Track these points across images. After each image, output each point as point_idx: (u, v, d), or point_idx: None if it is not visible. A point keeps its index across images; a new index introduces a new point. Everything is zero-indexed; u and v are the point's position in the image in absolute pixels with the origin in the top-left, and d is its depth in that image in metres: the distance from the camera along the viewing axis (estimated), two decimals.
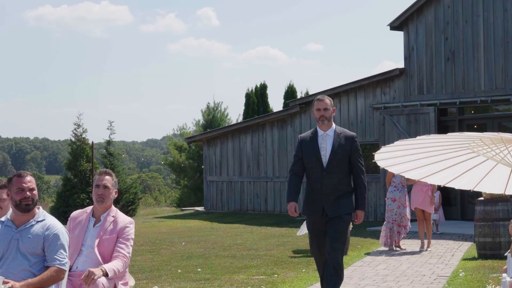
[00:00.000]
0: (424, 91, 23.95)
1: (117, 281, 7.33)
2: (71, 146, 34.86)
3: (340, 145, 9.11)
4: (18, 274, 6.46)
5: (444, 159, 6.41)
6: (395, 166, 6.77)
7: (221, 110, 43.85)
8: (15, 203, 6.67)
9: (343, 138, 9.17)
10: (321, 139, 9.21)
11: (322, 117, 9.20)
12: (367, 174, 24.82)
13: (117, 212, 7.72)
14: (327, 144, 9.15)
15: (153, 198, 62.33)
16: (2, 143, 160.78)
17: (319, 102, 9.27)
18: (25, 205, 6.66)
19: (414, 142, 7.06)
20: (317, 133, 9.29)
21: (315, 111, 9.30)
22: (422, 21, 24.04)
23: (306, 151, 9.26)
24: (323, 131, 9.25)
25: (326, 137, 9.19)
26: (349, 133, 9.34)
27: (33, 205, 6.72)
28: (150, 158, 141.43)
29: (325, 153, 9.12)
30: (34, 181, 6.79)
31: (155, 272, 13.66)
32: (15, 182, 6.69)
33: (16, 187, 6.67)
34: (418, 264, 14.36)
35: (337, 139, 9.14)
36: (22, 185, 6.67)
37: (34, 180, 6.80)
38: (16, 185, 6.67)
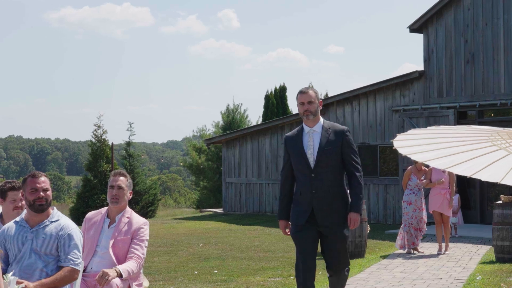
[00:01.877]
0: (444, 93, 23.85)
1: (131, 282, 7.35)
2: (91, 147, 35.08)
3: (329, 142, 8.03)
4: (32, 274, 6.48)
5: (467, 150, 6.38)
6: (417, 154, 6.77)
7: (240, 112, 43.91)
8: (29, 203, 6.69)
9: (332, 133, 8.07)
10: (307, 137, 8.11)
11: (307, 111, 8.04)
12: (386, 177, 24.98)
13: (132, 213, 7.73)
14: (314, 141, 8.07)
15: (173, 199, 62.49)
16: (24, 143, 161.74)
17: (302, 95, 8.09)
18: (39, 205, 6.68)
19: (432, 132, 7.03)
20: (302, 131, 8.18)
21: (299, 105, 8.14)
22: (442, 24, 23.94)
23: (292, 151, 8.18)
24: (309, 128, 8.13)
25: (313, 134, 8.10)
26: (339, 127, 8.21)
27: (46, 206, 6.73)
28: (170, 159, 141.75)
29: (312, 152, 8.03)
30: (48, 182, 6.81)
31: (171, 274, 13.69)
32: (29, 183, 6.72)
33: (30, 187, 6.69)
34: (435, 267, 14.29)
35: (325, 135, 8.05)
36: (35, 185, 6.70)
37: (48, 180, 6.82)
38: (30, 185, 6.70)
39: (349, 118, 25.81)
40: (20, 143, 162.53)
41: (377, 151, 25.23)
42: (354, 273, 13.60)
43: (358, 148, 25.38)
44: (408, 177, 16.42)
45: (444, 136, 6.77)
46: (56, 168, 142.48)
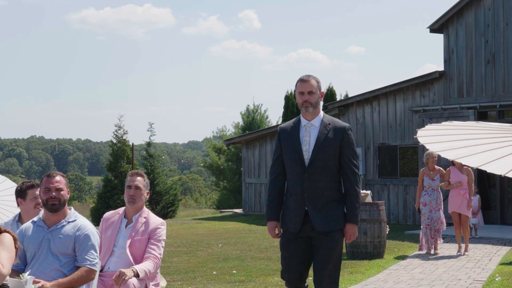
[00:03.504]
0: (464, 94, 23.75)
1: (148, 282, 7.38)
2: (112, 148, 35.23)
3: (327, 139, 7.06)
4: (49, 274, 6.53)
5: (486, 143, 6.48)
6: (433, 144, 6.87)
7: (260, 112, 43.92)
8: (43, 202, 6.77)
9: (332, 130, 7.10)
10: (304, 130, 7.17)
11: (306, 102, 7.10)
12: (406, 178, 24.91)
13: (149, 213, 7.76)
14: (311, 136, 7.12)
15: (194, 200, 62.58)
16: (46, 144, 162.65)
17: (303, 84, 7.15)
18: (51, 204, 6.72)
19: (460, 125, 7.14)
20: (299, 123, 7.23)
21: (298, 94, 7.16)
22: (462, 24, 23.85)
23: (285, 145, 7.19)
24: (307, 121, 7.18)
25: (310, 128, 7.15)
26: (341, 123, 7.19)
27: (59, 205, 6.75)
28: (191, 160, 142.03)
29: (307, 149, 7.09)
30: (64, 182, 6.83)
31: (190, 274, 13.72)
32: (44, 182, 6.78)
33: (44, 186, 6.75)
34: (454, 268, 14.24)
35: (323, 131, 7.09)
36: (49, 185, 6.74)
37: (64, 180, 6.84)
38: (44, 184, 6.76)
39: (369, 118, 25.76)
40: (42, 144, 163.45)
41: (396, 152, 25.16)
42: (373, 273, 13.59)
43: (378, 148, 25.36)
44: (421, 178, 16.41)
45: (468, 129, 6.86)
46: (77, 168, 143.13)
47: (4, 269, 5.86)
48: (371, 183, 25.46)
